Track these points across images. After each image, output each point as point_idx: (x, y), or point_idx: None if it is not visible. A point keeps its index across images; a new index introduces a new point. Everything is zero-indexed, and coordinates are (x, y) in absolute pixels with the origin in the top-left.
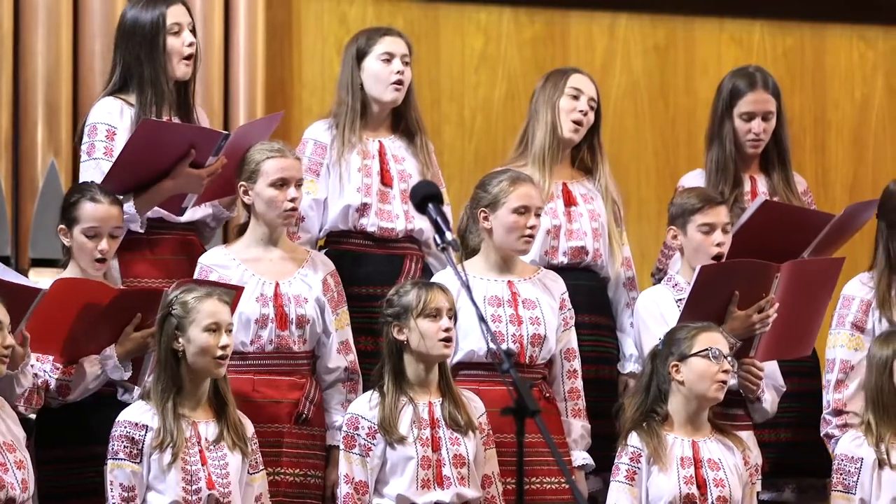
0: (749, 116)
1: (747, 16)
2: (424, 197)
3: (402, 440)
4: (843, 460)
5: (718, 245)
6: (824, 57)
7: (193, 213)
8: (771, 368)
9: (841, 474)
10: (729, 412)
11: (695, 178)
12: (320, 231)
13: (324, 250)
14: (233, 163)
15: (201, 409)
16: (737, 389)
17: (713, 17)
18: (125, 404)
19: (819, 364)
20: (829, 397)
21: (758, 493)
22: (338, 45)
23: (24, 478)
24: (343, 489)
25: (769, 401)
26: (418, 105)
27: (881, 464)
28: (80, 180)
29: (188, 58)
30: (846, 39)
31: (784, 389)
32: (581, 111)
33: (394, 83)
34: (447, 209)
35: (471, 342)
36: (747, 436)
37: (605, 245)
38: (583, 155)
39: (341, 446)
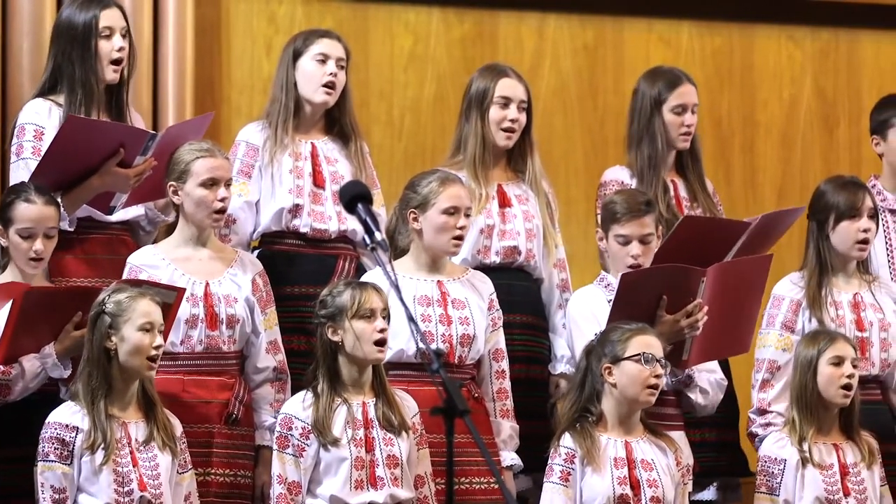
0: (682, 109)
1: (675, 16)
2: (353, 197)
3: (335, 441)
4: (766, 462)
5: (634, 257)
6: (752, 57)
7: (125, 213)
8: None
9: (765, 476)
10: (660, 411)
11: (618, 172)
12: (253, 233)
13: (257, 251)
14: (164, 164)
15: (131, 410)
16: (669, 389)
17: (641, 18)
18: None
19: (729, 364)
20: (755, 396)
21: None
22: (267, 44)
23: None
24: (276, 489)
25: (709, 384)
26: (354, 110)
27: (804, 462)
28: (10, 181)
29: (116, 62)
30: (774, 40)
31: (725, 383)
32: (511, 119)
33: (325, 85)
34: (381, 211)
35: (400, 342)
36: (679, 436)
37: (539, 246)
38: (515, 152)
39: (274, 446)
